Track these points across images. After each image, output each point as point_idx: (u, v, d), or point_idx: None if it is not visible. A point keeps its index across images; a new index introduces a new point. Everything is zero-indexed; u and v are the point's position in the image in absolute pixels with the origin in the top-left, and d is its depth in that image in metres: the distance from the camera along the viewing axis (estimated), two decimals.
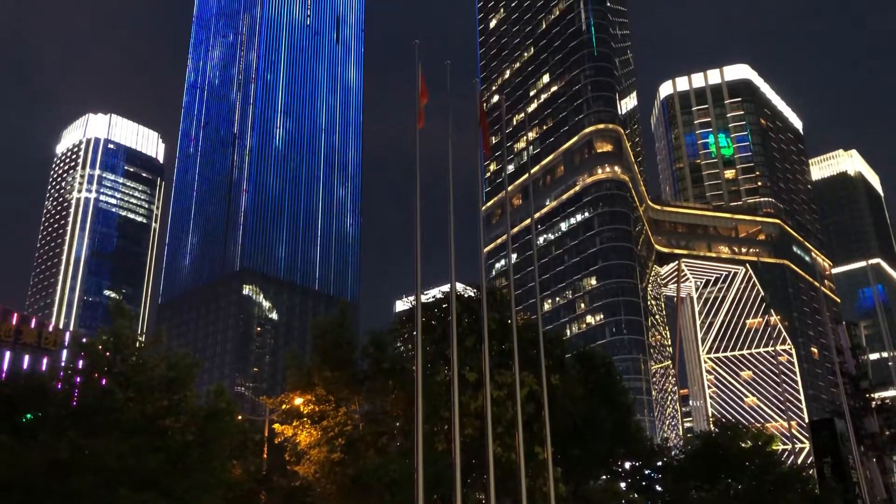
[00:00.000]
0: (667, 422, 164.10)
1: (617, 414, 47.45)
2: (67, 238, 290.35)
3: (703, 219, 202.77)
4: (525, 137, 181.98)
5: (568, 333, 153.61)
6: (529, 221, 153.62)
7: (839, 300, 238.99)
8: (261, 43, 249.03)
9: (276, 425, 44.28)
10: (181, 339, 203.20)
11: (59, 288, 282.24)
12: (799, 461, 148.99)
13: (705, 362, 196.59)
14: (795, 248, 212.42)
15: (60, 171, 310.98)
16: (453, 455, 23.85)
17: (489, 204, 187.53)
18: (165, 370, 37.56)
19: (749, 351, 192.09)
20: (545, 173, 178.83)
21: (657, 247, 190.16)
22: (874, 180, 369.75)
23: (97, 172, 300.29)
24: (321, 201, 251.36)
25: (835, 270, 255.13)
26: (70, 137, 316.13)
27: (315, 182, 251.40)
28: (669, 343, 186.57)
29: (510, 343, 30.74)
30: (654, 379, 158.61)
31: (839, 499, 53.17)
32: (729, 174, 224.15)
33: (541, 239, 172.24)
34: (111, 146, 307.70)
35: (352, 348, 43.65)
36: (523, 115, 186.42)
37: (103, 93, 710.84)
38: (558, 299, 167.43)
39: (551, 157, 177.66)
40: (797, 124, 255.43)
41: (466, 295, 40.28)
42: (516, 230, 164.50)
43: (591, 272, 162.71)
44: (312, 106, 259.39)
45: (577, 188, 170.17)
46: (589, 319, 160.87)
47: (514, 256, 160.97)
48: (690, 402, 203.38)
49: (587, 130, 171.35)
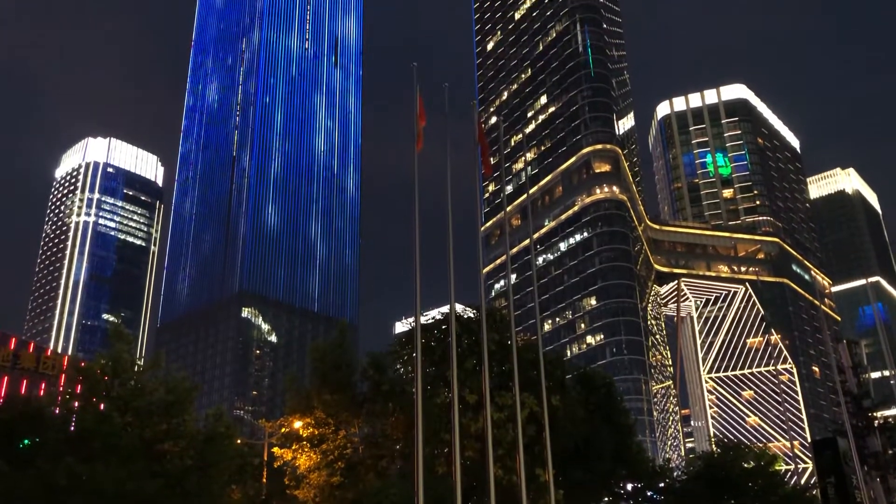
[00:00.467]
0: (668, 442, 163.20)
1: (618, 435, 47.23)
2: (66, 262, 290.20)
3: (702, 238, 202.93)
4: (523, 158, 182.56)
5: (568, 354, 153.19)
6: (528, 242, 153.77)
7: (839, 318, 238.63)
8: (259, 67, 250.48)
9: (276, 449, 44.04)
10: (180, 363, 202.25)
11: (58, 312, 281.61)
12: (802, 481, 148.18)
13: (706, 382, 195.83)
14: (795, 267, 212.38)
15: (59, 195, 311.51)
16: (454, 478, 23.65)
17: (488, 225, 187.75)
18: (164, 394, 37.43)
19: (750, 370, 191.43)
20: (543, 194, 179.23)
21: (656, 266, 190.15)
22: (872, 198, 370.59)
23: (96, 196, 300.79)
24: (320, 224, 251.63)
25: (834, 289, 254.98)
26: (69, 161, 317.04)
27: (314, 204, 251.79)
28: (670, 363, 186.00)
29: (510, 364, 30.61)
30: (656, 399, 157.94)
31: None
32: (727, 193, 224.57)
33: (540, 259, 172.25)
34: (110, 170, 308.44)
35: (351, 370, 43.52)
36: (521, 136, 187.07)
37: (103, 117, 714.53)
38: (558, 320, 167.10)
39: (549, 178, 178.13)
40: (794, 143, 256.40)
41: (466, 316, 40.24)
42: (515, 251, 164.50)
43: (591, 292, 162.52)
44: (311, 129, 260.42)
45: (576, 208, 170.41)
46: (589, 340, 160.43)
47: (514, 277, 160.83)
48: (692, 423, 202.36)
49: (585, 151, 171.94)
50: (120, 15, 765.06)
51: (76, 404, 37.67)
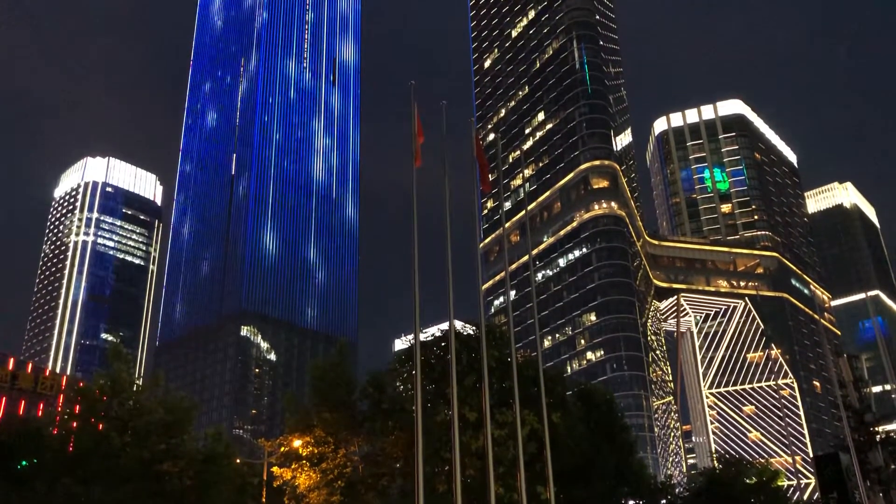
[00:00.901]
0: (670, 459, 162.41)
1: (619, 452, 47.07)
2: (65, 282, 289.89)
3: (701, 253, 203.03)
4: (521, 174, 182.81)
5: (568, 370, 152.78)
6: (527, 258, 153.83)
7: (839, 333, 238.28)
8: (258, 85, 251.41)
9: (275, 468, 43.82)
10: (179, 382, 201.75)
11: (57, 331, 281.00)
12: (805, 497, 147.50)
13: (707, 397, 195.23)
14: (794, 281, 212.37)
15: (58, 215, 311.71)
16: (454, 496, 23.52)
17: (487, 241, 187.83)
18: (163, 414, 37.31)
19: (751, 385, 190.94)
20: (542, 210, 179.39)
21: (656, 282, 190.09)
22: (870, 212, 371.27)
23: (95, 215, 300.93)
24: (318, 242, 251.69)
25: (834, 303, 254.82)
26: (68, 181, 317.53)
27: (312, 223, 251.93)
28: (671, 378, 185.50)
29: (510, 381, 30.52)
30: (656, 415, 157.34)
31: None
32: (725, 208, 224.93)
33: (539, 275, 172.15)
34: (109, 189, 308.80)
35: (351, 388, 43.41)
36: (519, 153, 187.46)
37: (102, 136, 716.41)
38: (558, 336, 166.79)
39: (548, 194, 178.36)
40: (791, 158, 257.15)
41: (466, 333, 40.13)
42: (514, 267, 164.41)
43: (591, 308, 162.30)
44: (309, 147, 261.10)
45: (575, 224, 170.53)
46: (589, 356, 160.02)
47: (513, 293, 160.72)
48: (693, 439, 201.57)
49: (583, 167, 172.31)
50: (119, 35, 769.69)
51: (74, 425, 37.51)
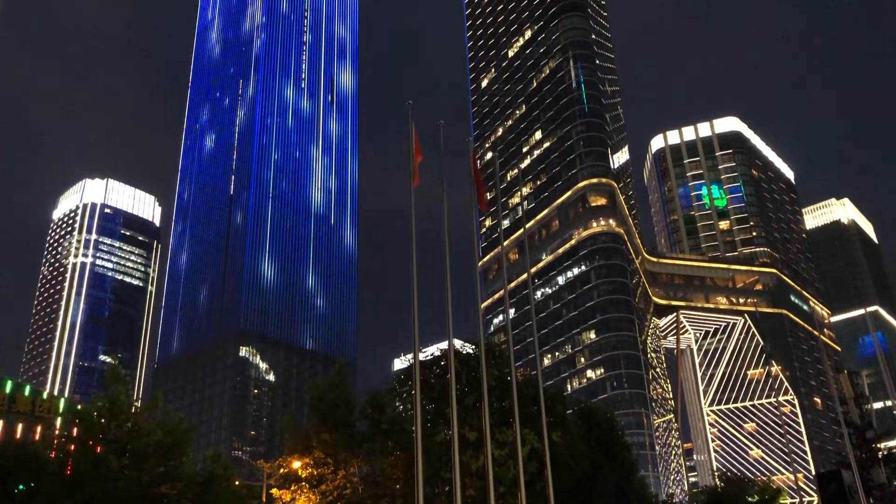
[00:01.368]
0: (671, 477, 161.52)
1: (620, 470, 46.82)
2: (63, 303, 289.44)
3: (700, 270, 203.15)
4: (519, 193, 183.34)
5: (568, 388, 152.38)
6: (526, 276, 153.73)
7: (839, 349, 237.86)
8: (256, 106, 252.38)
9: (274, 490, 43.55)
10: (177, 403, 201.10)
11: (55, 353, 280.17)
12: None
13: (708, 415, 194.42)
14: (793, 298, 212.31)
15: (57, 237, 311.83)
16: None
17: (486, 259, 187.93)
18: (161, 436, 37.15)
19: (752, 402, 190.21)
20: (540, 228, 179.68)
21: (655, 299, 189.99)
22: (868, 228, 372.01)
23: (93, 237, 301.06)
24: (318, 261, 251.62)
25: (833, 319, 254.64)
26: (67, 203, 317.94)
27: (311, 243, 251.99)
28: (671, 396, 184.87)
29: (510, 400, 30.41)
30: (657, 433, 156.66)
31: None
32: (723, 225, 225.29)
33: (538, 293, 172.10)
34: (108, 210, 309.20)
35: (350, 409, 43.23)
36: (517, 171, 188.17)
37: (100, 158, 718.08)
38: (558, 354, 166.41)
39: (546, 212, 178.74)
40: (788, 174, 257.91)
41: (465, 352, 40.03)
42: (513, 285, 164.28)
43: (590, 326, 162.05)
44: (308, 167, 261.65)
45: (573, 242, 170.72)
46: (589, 374, 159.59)
47: (512, 311, 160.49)
48: (695, 456, 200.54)
49: (581, 185, 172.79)
50: (118, 57, 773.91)
51: (72, 447, 37.32)
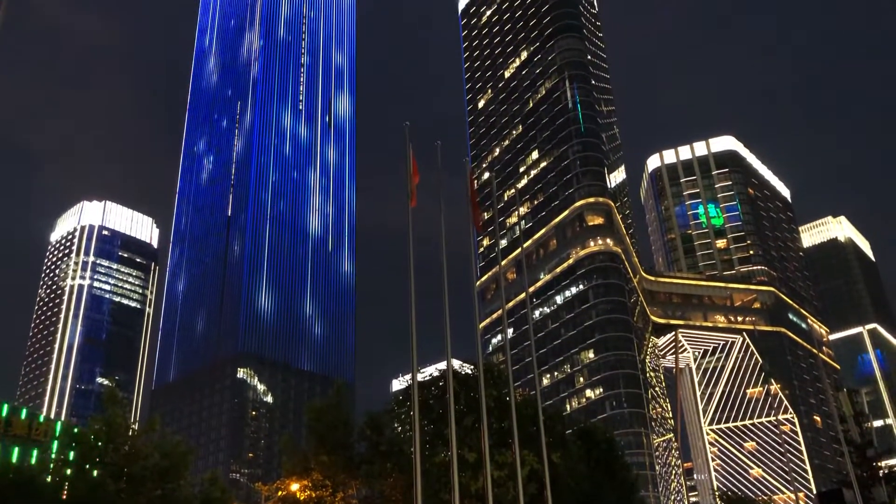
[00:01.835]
0: (672, 497, 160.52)
1: (620, 490, 46.57)
2: (60, 325, 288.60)
3: (698, 289, 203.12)
4: (516, 212, 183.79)
5: (567, 408, 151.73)
6: (524, 296, 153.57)
7: (838, 367, 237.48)
8: (254, 127, 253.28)
9: None
10: (175, 425, 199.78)
11: (52, 376, 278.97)
12: None
13: (708, 434, 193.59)
14: (791, 316, 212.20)
15: (54, 259, 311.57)
16: None
17: (483, 279, 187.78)
18: (159, 459, 36.98)
19: (751, 421, 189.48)
20: (538, 247, 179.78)
21: (653, 318, 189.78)
22: (865, 246, 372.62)
23: (91, 259, 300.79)
24: (315, 282, 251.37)
25: (832, 337, 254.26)
26: (64, 225, 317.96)
27: (309, 265, 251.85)
28: (671, 415, 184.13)
29: (509, 421, 30.29)
30: (657, 453, 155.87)
31: None
32: (720, 244, 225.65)
33: (536, 313, 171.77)
34: (105, 232, 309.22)
35: (348, 430, 43.04)
36: (514, 191, 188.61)
37: (98, 180, 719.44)
38: (556, 374, 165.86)
39: (543, 231, 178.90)
40: (785, 192, 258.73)
41: (464, 372, 39.92)
42: (511, 304, 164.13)
43: (589, 345, 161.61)
44: (305, 188, 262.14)
45: (571, 261, 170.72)
46: (588, 394, 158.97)
47: (511, 331, 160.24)
48: (695, 476, 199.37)
49: (578, 204, 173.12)
50: (116, 79, 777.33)
51: (69, 471, 37.08)
